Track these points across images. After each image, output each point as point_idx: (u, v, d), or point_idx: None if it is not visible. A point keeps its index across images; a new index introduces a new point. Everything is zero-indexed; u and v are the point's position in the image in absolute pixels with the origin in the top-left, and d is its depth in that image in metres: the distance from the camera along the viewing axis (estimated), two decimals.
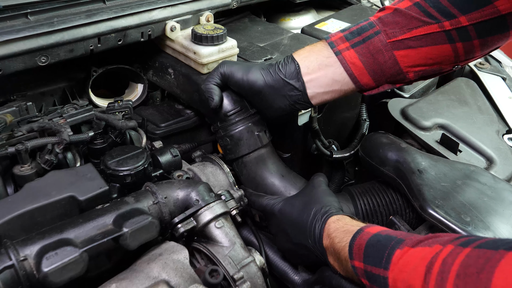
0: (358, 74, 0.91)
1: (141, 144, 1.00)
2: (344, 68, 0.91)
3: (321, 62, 0.92)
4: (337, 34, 0.93)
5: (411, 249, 0.63)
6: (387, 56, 0.88)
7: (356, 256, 0.71)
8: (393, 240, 0.67)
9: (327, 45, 0.93)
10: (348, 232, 0.76)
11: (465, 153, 1.14)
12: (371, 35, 0.89)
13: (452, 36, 0.84)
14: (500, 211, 0.87)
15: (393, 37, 0.87)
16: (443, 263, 0.57)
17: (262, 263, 0.85)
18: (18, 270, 0.62)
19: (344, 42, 0.91)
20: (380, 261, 0.66)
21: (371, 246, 0.70)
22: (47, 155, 0.84)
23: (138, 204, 0.77)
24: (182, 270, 0.72)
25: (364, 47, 0.89)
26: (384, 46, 0.88)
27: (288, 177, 1.00)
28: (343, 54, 0.90)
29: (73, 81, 1.16)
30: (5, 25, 0.90)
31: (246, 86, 0.96)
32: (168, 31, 1.11)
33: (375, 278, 0.67)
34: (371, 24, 0.90)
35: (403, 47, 0.87)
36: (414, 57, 0.88)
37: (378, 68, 0.90)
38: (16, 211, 0.70)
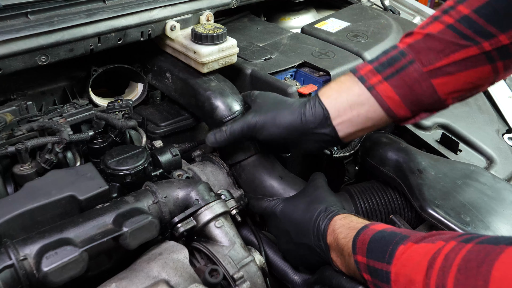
0: (394, 108, 0.84)
1: (141, 143, 1.00)
2: (380, 103, 0.84)
3: (353, 102, 0.85)
4: (366, 66, 0.86)
5: (415, 245, 0.64)
6: (424, 86, 0.81)
7: (359, 251, 0.71)
8: (397, 236, 0.68)
9: (357, 80, 0.85)
10: (353, 228, 0.76)
11: (465, 152, 1.14)
12: (405, 65, 0.82)
13: (492, 56, 0.78)
14: (500, 211, 0.87)
15: (430, 65, 0.80)
16: (445, 258, 0.57)
17: (262, 262, 0.85)
18: (18, 269, 0.63)
19: (376, 75, 0.84)
20: (383, 256, 0.66)
21: (375, 241, 0.70)
22: (47, 155, 0.84)
23: (138, 204, 0.77)
24: (182, 269, 0.72)
25: (399, 78, 0.82)
26: (421, 75, 0.81)
27: (286, 179, 1.00)
28: (377, 89, 0.83)
29: (73, 81, 1.16)
30: (5, 24, 0.90)
31: (270, 140, 0.92)
32: (168, 30, 1.11)
33: (377, 272, 0.67)
34: (403, 53, 0.83)
35: (441, 75, 0.80)
36: (453, 83, 0.81)
37: (416, 99, 0.83)
38: (16, 211, 0.70)
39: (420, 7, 1.81)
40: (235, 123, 0.94)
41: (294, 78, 1.22)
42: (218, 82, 1.09)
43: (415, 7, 1.82)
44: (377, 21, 1.49)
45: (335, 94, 0.87)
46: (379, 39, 1.37)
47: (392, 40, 1.39)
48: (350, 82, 0.86)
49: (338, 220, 0.80)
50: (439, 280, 0.56)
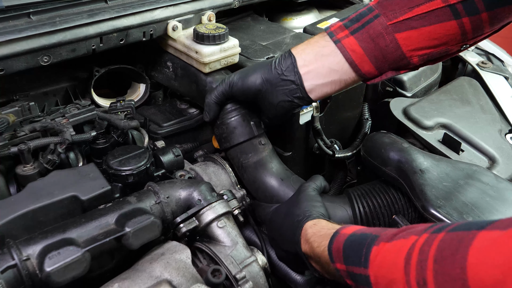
0: (359, 62, 0.86)
1: (143, 143, 1.01)
2: (344, 55, 0.86)
3: (318, 52, 0.88)
4: (337, 23, 0.89)
5: (387, 244, 0.63)
6: (388, 40, 0.82)
7: (337, 259, 0.71)
8: (368, 237, 0.67)
9: (326, 35, 0.88)
10: (325, 236, 0.76)
11: (468, 152, 1.13)
12: (371, 19, 0.83)
13: (457, 10, 0.77)
14: (503, 211, 0.86)
15: (394, 19, 0.81)
16: (420, 252, 0.57)
17: (264, 262, 0.85)
18: (21, 269, 0.63)
19: (344, 30, 0.86)
20: (359, 260, 0.66)
21: (348, 247, 0.70)
22: (49, 155, 0.85)
23: (141, 204, 0.77)
24: (184, 269, 0.72)
25: (364, 32, 0.84)
26: (385, 29, 0.82)
27: (287, 181, 1.00)
28: (343, 42, 0.86)
29: (76, 81, 1.16)
30: (7, 25, 0.90)
31: (246, 90, 0.94)
32: (170, 30, 1.11)
33: (357, 277, 0.67)
34: (370, 8, 0.85)
35: (405, 29, 0.81)
36: (417, 38, 0.82)
37: (380, 53, 0.84)
38: (18, 211, 0.70)
39: None
40: (217, 87, 0.97)
41: None
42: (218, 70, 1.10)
43: None
44: None
45: (304, 46, 0.91)
46: None
47: None
48: (319, 36, 0.90)
49: (309, 228, 0.80)
50: (418, 275, 0.56)
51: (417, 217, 0.96)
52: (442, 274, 0.53)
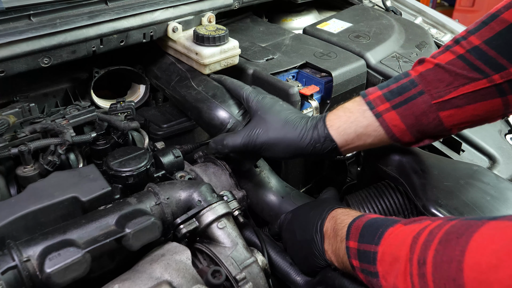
0: (400, 135, 0.85)
1: (143, 145, 1.01)
2: (385, 130, 0.84)
3: (361, 133, 0.86)
4: (375, 92, 0.86)
5: (403, 226, 0.66)
6: (431, 118, 0.81)
7: (352, 236, 0.73)
8: (389, 220, 0.70)
9: (365, 106, 0.85)
10: (350, 216, 0.78)
11: (468, 152, 1.13)
12: (414, 95, 0.82)
13: (503, 89, 0.77)
14: (504, 211, 0.86)
15: (439, 98, 0.80)
16: (429, 233, 0.58)
17: (265, 263, 0.85)
18: (21, 270, 0.63)
19: (384, 103, 0.84)
20: (373, 239, 0.68)
21: (367, 226, 0.72)
22: (50, 156, 0.85)
23: (141, 205, 0.77)
24: (185, 270, 0.72)
25: (407, 108, 0.82)
26: (429, 107, 0.81)
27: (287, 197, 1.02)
28: (384, 117, 0.84)
29: (76, 82, 1.16)
30: (8, 27, 0.91)
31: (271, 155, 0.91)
32: (170, 32, 1.11)
33: (365, 255, 0.69)
34: (413, 82, 0.82)
35: (449, 107, 0.80)
36: (460, 115, 0.81)
37: (421, 128, 0.83)
38: (19, 212, 0.70)
39: (422, 8, 1.81)
40: (237, 136, 0.92)
41: (296, 79, 1.22)
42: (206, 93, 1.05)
43: (416, 7, 1.82)
44: (379, 22, 1.49)
45: (343, 125, 0.86)
46: (381, 40, 1.37)
47: (394, 40, 1.39)
48: (358, 110, 0.86)
49: (339, 210, 0.84)
50: (421, 254, 0.57)
51: None
52: (441, 254, 0.54)
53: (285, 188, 1.04)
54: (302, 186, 1.27)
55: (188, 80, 1.08)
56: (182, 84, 1.09)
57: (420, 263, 0.57)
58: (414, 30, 1.50)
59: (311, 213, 0.87)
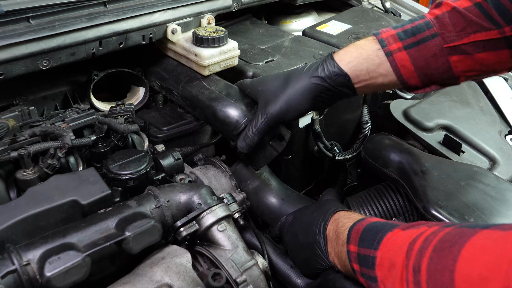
0: (407, 77, 0.85)
1: (143, 147, 1.00)
2: (393, 69, 0.85)
3: (371, 71, 0.86)
4: (389, 31, 0.86)
5: (401, 231, 0.66)
6: (440, 62, 0.82)
7: (353, 241, 0.73)
8: (388, 225, 0.70)
9: (377, 43, 0.86)
10: (352, 219, 0.79)
11: (468, 153, 1.13)
12: (427, 37, 0.82)
13: None
14: (504, 212, 0.86)
15: (451, 42, 0.81)
16: (424, 240, 0.59)
17: (265, 266, 0.85)
18: (21, 274, 0.62)
19: (397, 42, 0.84)
20: (372, 243, 0.69)
21: (367, 230, 0.72)
22: (49, 160, 0.84)
23: (141, 208, 0.77)
24: (185, 273, 0.72)
25: (418, 50, 0.83)
26: (440, 51, 0.81)
27: (288, 200, 1.02)
28: (394, 56, 0.84)
29: (75, 85, 1.16)
30: (7, 29, 0.90)
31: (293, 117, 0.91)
32: (169, 33, 1.11)
33: (365, 259, 0.69)
34: (428, 24, 0.83)
35: (459, 53, 0.81)
36: (469, 62, 0.82)
37: (429, 72, 0.84)
38: (19, 216, 0.70)
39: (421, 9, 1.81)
40: (257, 121, 0.91)
41: None
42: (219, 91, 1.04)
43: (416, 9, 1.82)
44: (378, 23, 1.49)
45: (355, 61, 0.86)
46: None
47: None
48: (371, 47, 0.86)
49: (341, 213, 0.84)
50: (416, 261, 0.58)
51: (417, 219, 0.96)
52: (435, 263, 0.55)
53: (286, 190, 1.04)
54: (302, 188, 1.27)
55: (198, 80, 1.08)
56: (193, 84, 1.09)
57: (415, 270, 0.57)
58: None
59: (313, 215, 0.87)
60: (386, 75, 0.86)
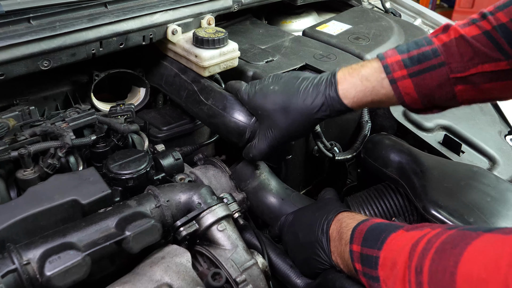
0: (409, 103, 0.84)
1: (143, 147, 1.01)
2: (397, 97, 0.83)
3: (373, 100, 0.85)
4: (395, 55, 0.83)
5: (405, 232, 0.67)
6: (445, 91, 0.80)
7: (356, 240, 0.74)
8: (392, 226, 0.71)
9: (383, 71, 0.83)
10: (355, 220, 0.79)
11: (468, 154, 1.13)
12: (434, 66, 0.79)
13: None
14: (504, 212, 0.86)
15: (458, 73, 0.78)
16: (427, 241, 0.59)
17: (265, 265, 0.85)
18: (21, 274, 0.63)
19: (402, 69, 0.81)
20: (375, 244, 0.69)
21: (371, 230, 0.73)
22: (49, 159, 0.85)
23: (141, 208, 0.77)
24: (185, 273, 0.72)
25: (424, 78, 0.80)
26: (446, 81, 0.79)
27: (287, 200, 1.02)
28: (399, 84, 0.82)
29: (76, 85, 1.16)
30: (7, 30, 0.91)
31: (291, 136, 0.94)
32: (170, 34, 1.11)
33: (368, 259, 0.69)
34: (435, 52, 0.80)
35: (465, 83, 0.79)
36: (475, 92, 0.80)
37: (433, 99, 0.82)
38: (19, 215, 0.70)
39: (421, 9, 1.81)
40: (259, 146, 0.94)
41: None
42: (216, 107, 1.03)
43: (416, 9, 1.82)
44: (378, 24, 1.49)
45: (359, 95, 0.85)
46: (381, 42, 1.37)
47: (393, 42, 1.39)
48: (376, 78, 0.84)
49: (345, 213, 0.84)
50: (418, 262, 0.58)
51: (416, 220, 0.96)
52: (437, 264, 0.55)
53: (285, 190, 1.04)
54: (302, 188, 1.27)
55: (196, 95, 1.08)
56: (192, 99, 1.09)
57: (417, 271, 0.58)
58: (413, 32, 1.51)
59: (315, 215, 0.87)
60: (389, 100, 0.85)
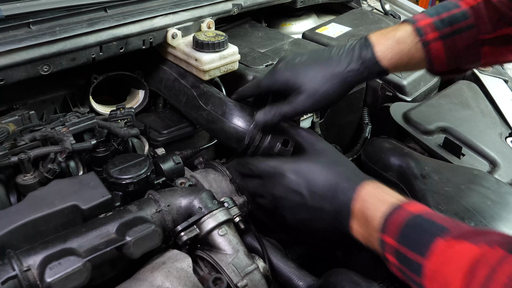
0: (437, 65, 0.85)
1: (143, 151, 1.00)
2: (427, 59, 0.84)
3: (411, 63, 0.85)
4: (426, 18, 0.83)
5: (454, 242, 0.60)
6: (472, 53, 0.83)
7: (390, 233, 0.67)
8: (436, 227, 0.64)
9: (414, 33, 0.83)
10: (385, 202, 0.71)
11: (468, 156, 1.13)
12: (463, 28, 0.81)
13: None
14: (505, 216, 0.86)
15: (486, 34, 0.80)
16: (491, 270, 0.54)
17: (266, 270, 0.85)
18: (22, 280, 0.62)
19: (434, 31, 0.82)
20: (417, 247, 0.63)
21: (410, 227, 0.66)
22: (49, 164, 0.84)
23: (141, 213, 0.77)
24: (186, 278, 0.72)
25: (454, 40, 0.82)
26: (474, 42, 0.81)
27: None
28: (430, 46, 0.82)
29: (74, 88, 1.16)
30: (7, 35, 0.91)
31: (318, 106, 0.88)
32: (170, 38, 1.11)
33: (409, 262, 0.64)
34: (465, 14, 0.81)
35: (491, 45, 0.81)
36: (498, 53, 0.83)
37: (459, 61, 0.84)
38: (19, 221, 0.70)
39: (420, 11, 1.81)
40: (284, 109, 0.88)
41: None
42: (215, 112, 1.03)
43: (415, 11, 1.82)
44: (378, 26, 1.49)
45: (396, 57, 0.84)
46: None
47: None
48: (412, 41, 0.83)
49: (368, 187, 0.75)
50: None
51: None
52: None
53: None
54: None
55: (195, 100, 1.08)
56: (191, 104, 1.09)
57: None
58: None
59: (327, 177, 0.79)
60: (419, 63, 0.86)
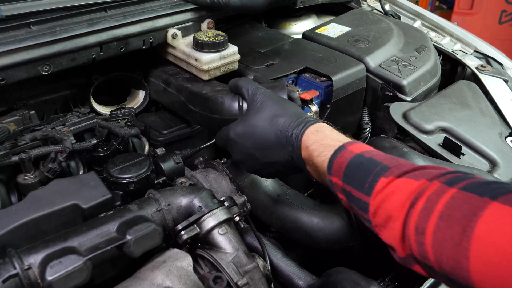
0: None
1: (144, 151, 1.01)
2: None
3: None
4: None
5: (396, 179, 0.63)
6: None
7: (335, 173, 0.70)
8: (377, 166, 0.66)
9: None
10: (328, 146, 0.74)
11: (468, 156, 1.13)
12: None
13: None
14: None
15: None
16: (427, 200, 0.58)
17: (266, 269, 0.85)
18: (23, 279, 0.63)
19: None
20: (361, 186, 0.66)
21: (352, 166, 0.68)
22: (50, 164, 0.85)
23: (142, 212, 0.77)
24: (186, 277, 0.72)
25: None
26: None
27: (283, 196, 1.02)
28: None
29: (75, 89, 1.16)
30: (8, 35, 0.91)
31: None
32: (170, 38, 1.11)
33: (354, 199, 0.67)
34: None
35: None
36: None
37: None
38: (20, 220, 0.70)
39: (420, 11, 1.81)
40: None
41: (296, 84, 1.22)
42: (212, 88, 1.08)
43: (415, 11, 1.82)
44: (378, 26, 1.49)
45: None
46: (380, 44, 1.37)
47: (393, 44, 1.39)
48: None
49: (311, 134, 0.77)
50: (419, 222, 0.57)
51: None
52: (443, 232, 0.54)
53: (281, 186, 1.03)
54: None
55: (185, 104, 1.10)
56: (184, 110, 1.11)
57: (418, 231, 0.57)
58: (413, 34, 1.51)
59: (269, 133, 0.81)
60: None
